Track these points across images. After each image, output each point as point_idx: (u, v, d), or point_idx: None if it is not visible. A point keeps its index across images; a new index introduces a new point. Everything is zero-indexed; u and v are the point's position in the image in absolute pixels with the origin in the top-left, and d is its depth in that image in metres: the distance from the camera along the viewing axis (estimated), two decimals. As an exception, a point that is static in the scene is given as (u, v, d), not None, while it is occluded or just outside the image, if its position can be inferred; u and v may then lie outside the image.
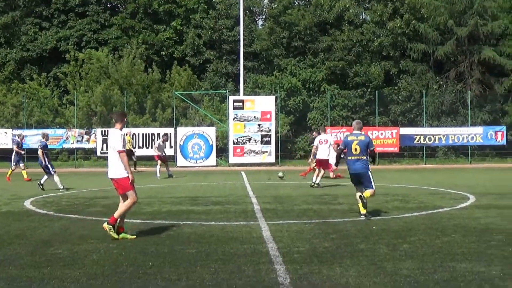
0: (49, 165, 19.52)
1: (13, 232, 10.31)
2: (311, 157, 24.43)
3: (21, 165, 25.44)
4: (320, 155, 20.06)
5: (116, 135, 9.67)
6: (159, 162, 25.92)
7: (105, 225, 9.49)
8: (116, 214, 9.58)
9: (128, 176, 9.55)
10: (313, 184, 19.57)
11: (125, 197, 9.73)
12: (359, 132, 12.24)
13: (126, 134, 31.32)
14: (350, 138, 12.19)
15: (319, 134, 20.97)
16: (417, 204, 14.14)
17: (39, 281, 6.77)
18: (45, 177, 19.45)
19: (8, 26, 44.52)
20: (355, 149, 11.93)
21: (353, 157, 11.95)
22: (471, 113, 38.82)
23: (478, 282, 6.49)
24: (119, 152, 9.53)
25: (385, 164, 36.42)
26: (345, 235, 9.59)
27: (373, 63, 41.58)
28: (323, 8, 42.30)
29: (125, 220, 10.06)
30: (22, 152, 25.88)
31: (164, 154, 26.59)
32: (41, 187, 19.12)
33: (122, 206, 9.66)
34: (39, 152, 19.66)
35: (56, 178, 19.33)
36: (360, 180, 12.06)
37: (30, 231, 10.51)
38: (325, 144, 20.13)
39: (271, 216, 12.03)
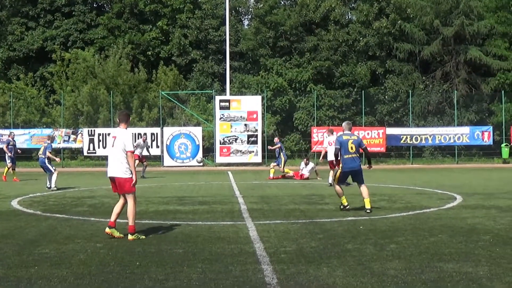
0: (49, 165, 19.54)
1: (0, 232, 10.25)
2: (283, 163, 24.88)
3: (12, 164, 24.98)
4: (331, 156, 19.79)
5: (126, 134, 9.60)
6: (136, 161, 25.53)
7: (130, 237, 9.41)
8: (130, 221, 9.54)
9: (132, 177, 9.53)
10: (330, 184, 19.81)
11: (124, 197, 9.72)
12: (350, 132, 13.05)
13: None
14: (344, 137, 12.84)
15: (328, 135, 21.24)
16: (404, 204, 14.17)
17: (26, 281, 6.73)
18: (53, 178, 19.40)
19: (-6, 26, 44.37)
20: (351, 148, 12.72)
21: (350, 155, 12.71)
22: (458, 113, 39.04)
23: (465, 282, 6.51)
24: (129, 152, 9.46)
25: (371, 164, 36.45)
26: (332, 235, 9.60)
27: (359, 63, 41.71)
28: (309, 8, 42.37)
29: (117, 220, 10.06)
30: (9, 154, 24.87)
31: (142, 154, 26.17)
32: (55, 188, 19.18)
33: (131, 210, 9.58)
34: (47, 153, 19.65)
35: (54, 177, 19.30)
36: (353, 176, 12.94)
37: (17, 230, 10.45)
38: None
39: (258, 216, 12.03)
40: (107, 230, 9.57)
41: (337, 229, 10.17)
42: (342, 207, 13.01)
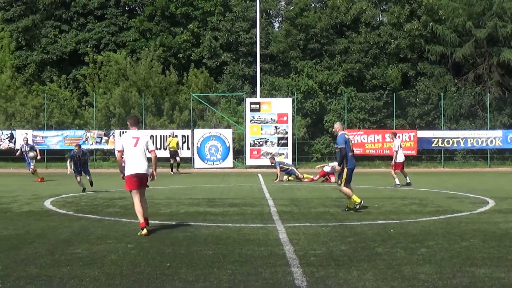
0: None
1: (34, 232, 10.43)
2: (298, 172, 24.92)
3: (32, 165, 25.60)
4: (401, 158, 21.63)
5: (147, 136, 10.61)
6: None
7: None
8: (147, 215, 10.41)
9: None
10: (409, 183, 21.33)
11: (142, 193, 10.44)
12: (344, 131, 13.71)
13: (175, 136, 31.57)
14: (347, 137, 13.46)
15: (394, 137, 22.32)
16: (435, 208, 14.05)
17: (58, 280, 6.83)
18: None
19: (28, 29, 45.01)
20: (351, 146, 13.48)
21: (351, 153, 13.41)
22: (490, 116, 38.53)
23: None
24: (153, 151, 10.48)
25: (402, 167, 36.20)
26: (362, 238, 9.57)
27: (390, 65, 41.39)
28: (339, 10, 42.17)
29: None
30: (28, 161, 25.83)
31: None
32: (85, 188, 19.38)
33: (145, 205, 10.40)
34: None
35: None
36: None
37: (50, 230, 10.62)
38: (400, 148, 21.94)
39: (287, 219, 12.04)
40: (145, 231, 9.94)
41: (367, 233, 10.13)
42: (357, 206, 13.13)
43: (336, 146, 13.60)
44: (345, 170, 13.23)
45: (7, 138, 37.16)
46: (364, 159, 37.46)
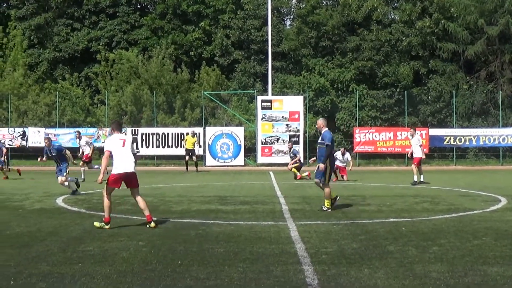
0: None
1: (45, 229, 10.47)
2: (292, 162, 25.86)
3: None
4: (421, 154, 21.85)
5: (131, 140, 11.20)
6: (82, 162, 23.62)
7: (152, 224, 10.55)
8: (148, 212, 10.67)
9: None
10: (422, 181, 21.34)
11: (136, 191, 10.81)
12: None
13: (194, 136, 31.17)
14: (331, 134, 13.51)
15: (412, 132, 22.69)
16: (447, 206, 13.99)
17: (70, 277, 6.85)
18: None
19: (41, 27, 45.24)
20: None
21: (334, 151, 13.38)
22: (503, 113, 38.33)
23: (509, 286, 6.40)
24: (136, 154, 10.68)
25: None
26: (373, 236, 9.54)
27: (402, 63, 41.25)
28: (351, 8, 42.11)
29: (155, 218, 10.80)
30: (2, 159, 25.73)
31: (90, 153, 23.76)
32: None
33: (144, 201, 10.83)
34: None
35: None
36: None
37: (62, 228, 10.65)
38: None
39: (299, 217, 12.02)
40: (153, 224, 10.48)
41: (378, 231, 10.10)
42: (325, 209, 13.02)
43: (322, 141, 13.26)
44: (329, 167, 13.21)
45: (19, 136, 37.37)
46: (376, 157, 37.43)
